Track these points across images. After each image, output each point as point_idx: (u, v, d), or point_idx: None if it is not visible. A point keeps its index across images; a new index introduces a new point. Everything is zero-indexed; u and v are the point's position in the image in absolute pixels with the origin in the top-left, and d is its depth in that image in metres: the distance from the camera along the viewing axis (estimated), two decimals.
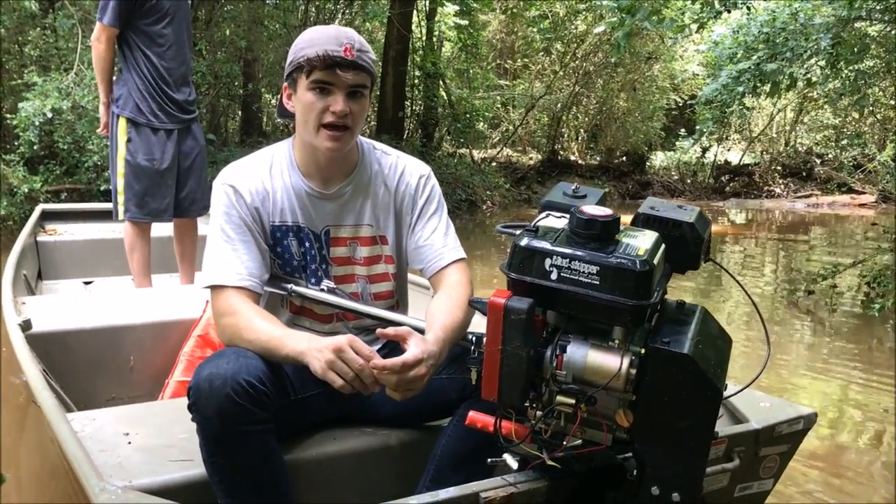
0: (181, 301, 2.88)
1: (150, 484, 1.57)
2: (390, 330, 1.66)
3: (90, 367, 2.48)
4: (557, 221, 1.42)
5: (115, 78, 3.59)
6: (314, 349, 1.58)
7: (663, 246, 1.41)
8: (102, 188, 7.91)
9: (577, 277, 1.30)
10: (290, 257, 1.88)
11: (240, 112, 12.05)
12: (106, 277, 3.95)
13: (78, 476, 1.46)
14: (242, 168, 1.86)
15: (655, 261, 1.33)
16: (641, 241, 1.35)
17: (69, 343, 2.47)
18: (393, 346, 1.97)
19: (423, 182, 1.95)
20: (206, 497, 1.59)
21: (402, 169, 1.95)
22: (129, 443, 1.77)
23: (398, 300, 2.02)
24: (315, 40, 1.74)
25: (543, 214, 1.46)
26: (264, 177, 1.85)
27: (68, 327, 2.52)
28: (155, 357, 2.59)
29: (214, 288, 1.77)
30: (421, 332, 1.70)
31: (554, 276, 1.31)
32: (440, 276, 1.88)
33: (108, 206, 4.96)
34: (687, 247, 1.49)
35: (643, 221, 1.48)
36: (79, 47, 8.08)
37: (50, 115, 7.36)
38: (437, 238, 1.92)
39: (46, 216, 4.48)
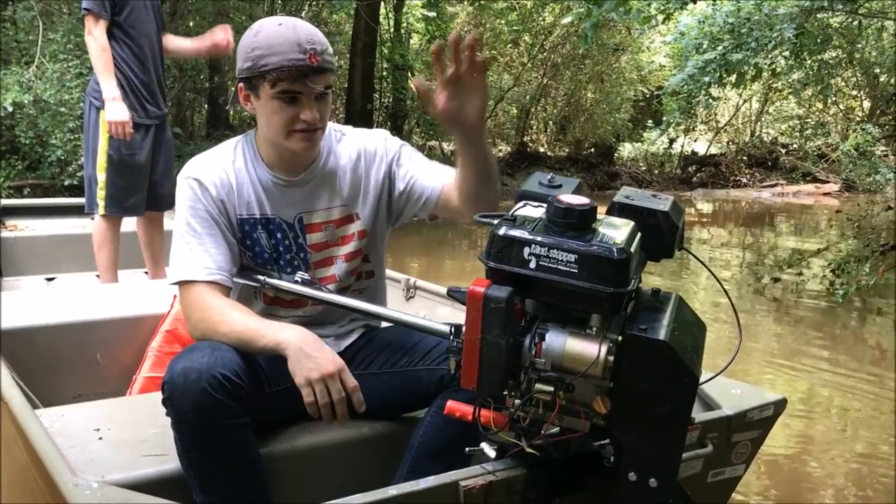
0: (149, 296, 2.83)
1: (123, 479, 1.55)
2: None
3: (56, 364, 2.43)
4: (535, 211, 1.42)
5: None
6: (303, 356, 1.59)
7: (639, 234, 1.42)
8: (66, 183, 7.79)
9: (555, 266, 1.30)
10: (261, 250, 1.85)
11: (206, 105, 11.91)
12: (69, 273, 3.87)
13: (50, 473, 1.43)
14: (206, 161, 1.83)
15: (632, 249, 1.33)
16: (618, 230, 1.36)
17: (34, 340, 2.41)
18: (369, 339, 1.96)
19: (385, 145, 1.93)
20: (182, 491, 1.57)
21: (364, 143, 1.93)
22: (101, 438, 1.73)
23: (374, 270, 1.99)
24: (275, 46, 1.68)
25: (521, 204, 1.46)
26: (228, 169, 1.82)
27: (33, 324, 2.45)
28: (122, 353, 2.54)
29: (183, 284, 1.75)
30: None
31: (532, 264, 1.31)
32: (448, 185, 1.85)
33: (70, 201, 4.89)
34: (662, 235, 1.49)
35: (619, 210, 1.48)
36: (39, 40, 7.92)
37: (10, 109, 7.23)
38: (420, 168, 1.90)
39: (5, 212, 4.39)
